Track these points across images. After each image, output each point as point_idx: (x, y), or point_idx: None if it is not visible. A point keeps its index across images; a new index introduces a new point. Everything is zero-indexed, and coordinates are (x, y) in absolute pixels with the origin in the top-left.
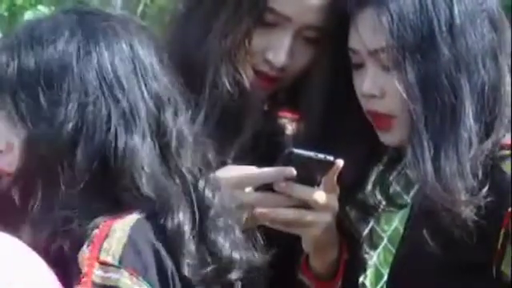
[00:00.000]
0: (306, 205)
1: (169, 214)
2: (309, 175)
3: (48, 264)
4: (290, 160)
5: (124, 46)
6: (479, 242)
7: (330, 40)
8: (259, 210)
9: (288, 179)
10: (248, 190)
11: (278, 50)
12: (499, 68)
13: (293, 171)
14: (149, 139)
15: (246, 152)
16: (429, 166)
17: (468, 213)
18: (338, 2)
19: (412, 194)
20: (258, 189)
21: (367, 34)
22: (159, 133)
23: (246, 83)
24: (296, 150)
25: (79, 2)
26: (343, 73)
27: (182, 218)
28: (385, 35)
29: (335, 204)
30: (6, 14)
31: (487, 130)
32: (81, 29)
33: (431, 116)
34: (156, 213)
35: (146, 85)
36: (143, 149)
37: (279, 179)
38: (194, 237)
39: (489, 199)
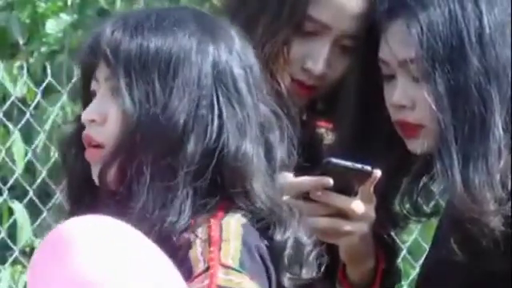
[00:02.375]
0: (342, 214)
1: (280, 228)
2: (346, 185)
3: None
4: (328, 169)
5: (239, 50)
6: (506, 252)
7: (363, 49)
8: None
9: (325, 188)
10: (285, 198)
11: (316, 59)
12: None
13: (330, 180)
14: (259, 151)
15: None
16: (457, 177)
17: (496, 222)
18: (372, 11)
19: (432, 205)
20: (295, 198)
21: (397, 44)
22: (267, 151)
23: (284, 92)
24: (333, 160)
25: (102, 10)
26: (374, 83)
27: (289, 236)
28: (414, 46)
29: (372, 214)
30: (27, 21)
31: None
32: (201, 27)
33: (460, 127)
34: (266, 222)
35: (257, 97)
36: (254, 157)
37: (316, 188)
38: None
39: None
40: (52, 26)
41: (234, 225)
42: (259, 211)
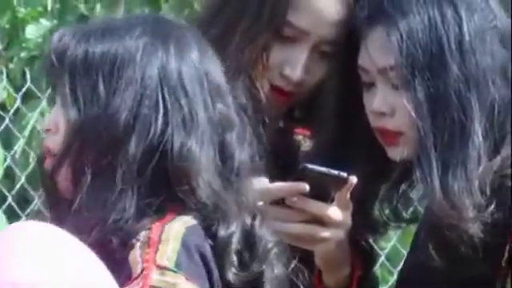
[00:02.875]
0: (318, 220)
1: (224, 224)
2: (322, 191)
3: None
4: (304, 175)
5: (194, 57)
6: (485, 259)
7: (342, 56)
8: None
9: (301, 194)
10: (261, 204)
11: (294, 65)
12: (509, 85)
13: (306, 186)
14: (209, 150)
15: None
16: (436, 183)
17: (475, 229)
18: (352, 17)
19: (410, 211)
20: (271, 203)
21: (377, 52)
22: (222, 151)
23: (263, 98)
24: (309, 166)
25: (82, 15)
26: (353, 90)
27: (234, 231)
28: (394, 53)
29: (348, 220)
30: (7, 26)
31: (496, 147)
32: (152, 31)
33: (440, 134)
34: (210, 219)
35: (212, 100)
36: (201, 155)
37: (293, 194)
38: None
39: (496, 216)
40: (32, 32)
41: (176, 227)
42: (204, 207)
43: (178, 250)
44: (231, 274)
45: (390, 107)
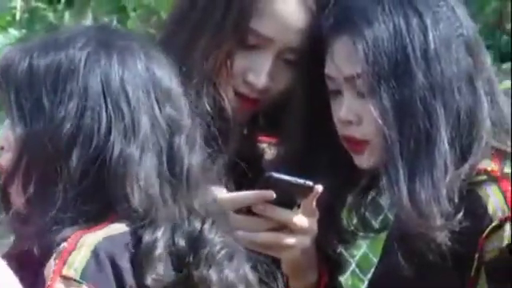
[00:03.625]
0: (284, 228)
1: (150, 229)
2: (288, 199)
3: (19, 270)
4: (269, 184)
5: (139, 65)
6: (454, 267)
7: (308, 64)
8: (238, 232)
9: (267, 202)
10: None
11: (258, 72)
12: (475, 93)
13: (272, 194)
14: (152, 155)
15: (225, 175)
16: (404, 191)
17: (443, 238)
18: (316, 25)
19: (380, 219)
20: (236, 211)
21: (343, 60)
22: (170, 155)
23: (227, 105)
24: (275, 174)
25: (50, 24)
26: (320, 98)
27: (160, 236)
28: (360, 62)
29: (314, 227)
30: None
31: (464, 154)
32: (96, 41)
33: (406, 142)
34: (141, 226)
35: (159, 105)
36: (141, 161)
37: (259, 202)
38: (172, 262)
39: (464, 224)
40: (0, 41)
41: (95, 235)
42: (135, 213)
43: (88, 259)
44: (150, 280)
45: (357, 116)
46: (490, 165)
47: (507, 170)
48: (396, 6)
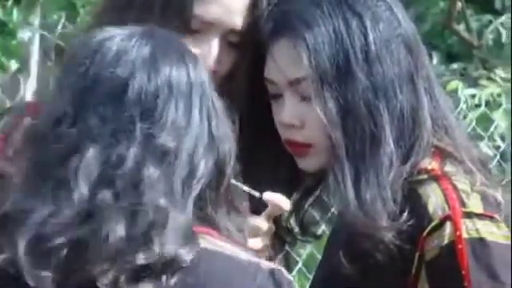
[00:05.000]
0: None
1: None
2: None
3: None
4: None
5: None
6: (396, 267)
7: (250, 70)
8: None
9: None
10: None
11: (206, 56)
12: (416, 91)
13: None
14: None
15: None
16: (350, 192)
17: (390, 238)
18: (257, 6)
19: (326, 219)
20: None
21: (285, 64)
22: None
23: None
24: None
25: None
26: (262, 102)
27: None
28: (302, 66)
29: (272, 228)
30: None
31: (407, 154)
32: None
33: (351, 143)
34: None
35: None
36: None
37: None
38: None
39: (408, 223)
40: None
41: None
42: None
43: None
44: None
45: (299, 119)
46: (431, 163)
47: (447, 168)
48: (335, 8)
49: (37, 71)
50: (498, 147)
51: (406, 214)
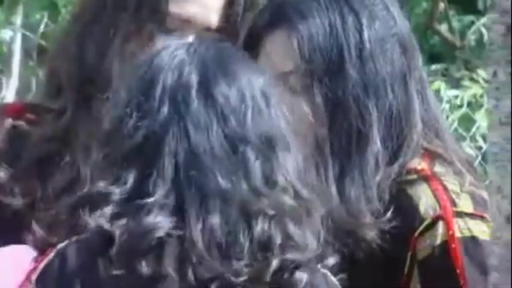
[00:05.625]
0: None
1: None
2: None
3: None
4: None
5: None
6: (385, 267)
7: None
8: None
9: None
10: None
11: None
12: (408, 92)
13: None
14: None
15: None
16: (333, 189)
17: (372, 236)
18: (232, 4)
19: None
20: None
21: (277, 57)
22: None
23: None
24: None
25: None
26: None
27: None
28: (294, 58)
29: None
30: None
31: (395, 153)
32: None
33: (337, 139)
34: None
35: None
36: None
37: None
38: None
39: (395, 223)
40: None
41: None
42: None
43: None
44: None
45: (288, 112)
46: (420, 164)
47: (437, 169)
48: (332, 2)
49: (18, 71)
50: (479, 148)
51: (394, 214)
